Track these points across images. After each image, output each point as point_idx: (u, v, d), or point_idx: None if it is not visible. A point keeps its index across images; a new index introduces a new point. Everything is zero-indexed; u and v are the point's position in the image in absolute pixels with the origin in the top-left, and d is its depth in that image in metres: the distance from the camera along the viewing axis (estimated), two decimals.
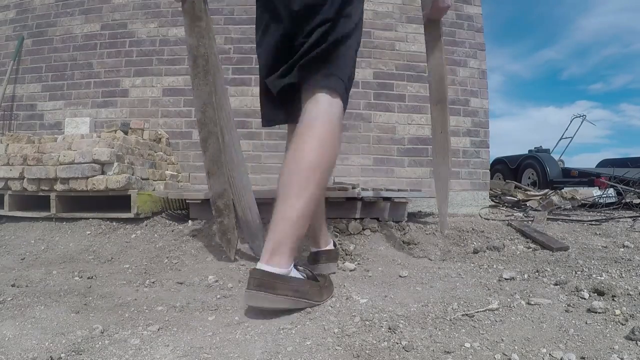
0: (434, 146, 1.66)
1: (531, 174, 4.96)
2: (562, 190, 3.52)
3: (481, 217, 2.50)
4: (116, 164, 1.92)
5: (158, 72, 2.91)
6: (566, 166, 4.94)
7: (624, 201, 2.96)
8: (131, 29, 2.96)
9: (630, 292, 1.02)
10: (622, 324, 0.85)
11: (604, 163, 5.25)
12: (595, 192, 3.28)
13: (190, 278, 1.25)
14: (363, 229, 1.88)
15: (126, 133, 2.44)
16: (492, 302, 1.00)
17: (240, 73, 2.86)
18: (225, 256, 1.51)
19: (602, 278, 1.18)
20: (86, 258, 1.56)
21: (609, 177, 3.48)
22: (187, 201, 2.02)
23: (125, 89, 2.92)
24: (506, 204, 3.14)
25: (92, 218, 1.94)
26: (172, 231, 1.82)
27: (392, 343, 0.78)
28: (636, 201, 2.98)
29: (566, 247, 1.61)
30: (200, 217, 1.96)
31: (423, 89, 2.88)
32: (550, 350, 0.75)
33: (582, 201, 3.10)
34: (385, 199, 2.04)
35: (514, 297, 1.04)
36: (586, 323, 0.86)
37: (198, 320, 0.91)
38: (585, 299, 1.01)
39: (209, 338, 0.81)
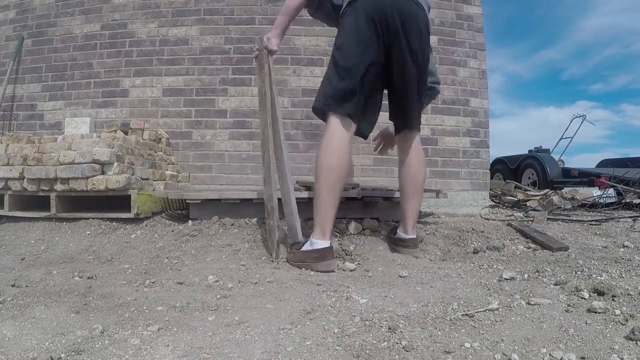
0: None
1: (531, 174, 4.95)
2: (562, 190, 3.52)
3: (481, 217, 2.50)
4: (116, 164, 1.92)
5: (158, 72, 2.90)
6: (566, 166, 4.93)
7: (624, 201, 2.96)
8: (131, 29, 2.96)
9: (630, 292, 1.03)
10: (622, 324, 0.85)
11: (604, 163, 5.24)
12: (595, 192, 3.27)
13: (190, 278, 1.25)
14: (363, 229, 1.88)
15: (126, 133, 2.44)
16: (492, 302, 1.00)
17: (240, 73, 2.86)
18: (225, 256, 1.51)
19: (602, 278, 1.18)
20: (86, 258, 1.56)
21: (609, 177, 3.48)
22: (187, 201, 2.02)
23: (125, 89, 2.93)
24: (506, 204, 3.14)
25: (92, 218, 1.94)
26: (172, 231, 1.82)
27: (392, 343, 0.78)
28: (636, 201, 2.98)
29: (566, 247, 1.61)
30: (200, 217, 1.96)
31: None
32: (550, 350, 0.75)
33: (582, 201, 3.10)
34: (385, 199, 2.04)
35: (514, 297, 1.04)
36: (586, 323, 0.87)
37: (198, 320, 0.91)
38: (585, 299, 1.01)
39: (209, 338, 0.81)
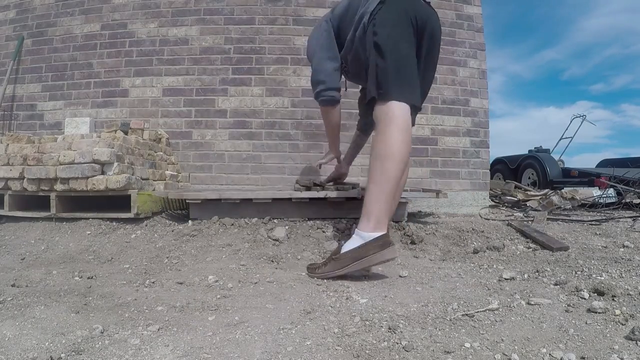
0: None
1: (531, 174, 4.95)
2: (562, 190, 3.52)
3: (481, 217, 2.50)
4: (116, 164, 1.92)
5: (158, 72, 2.90)
6: (566, 166, 4.93)
7: (624, 201, 2.96)
8: (131, 29, 2.96)
9: (630, 292, 1.02)
10: (622, 324, 0.85)
11: (604, 163, 5.24)
12: (595, 192, 3.27)
13: (190, 278, 1.25)
14: None
15: (126, 133, 2.43)
16: (492, 302, 1.00)
17: (240, 73, 2.86)
18: (225, 256, 1.51)
19: (602, 278, 1.18)
20: (86, 258, 1.56)
21: (609, 177, 3.48)
22: (187, 201, 2.02)
23: (125, 89, 2.92)
24: (506, 204, 3.14)
25: (92, 218, 1.94)
26: (172, 231, 1.82)
27: (392, 343, 0.78)
28: (636, 201, 2.98)
29: (566, 247, 1.61)
30: (200, 217, 1.96)
31: None
32: (550, 350, 0.75)
33: (582, 201, 3.10)
34: None
35: (514, 297, 1.04)
36: (586, 323, 0.87)
37: (198, 320, 0.91)
38: (585, 299, 1.01)
39: (209, 338, 0.81)
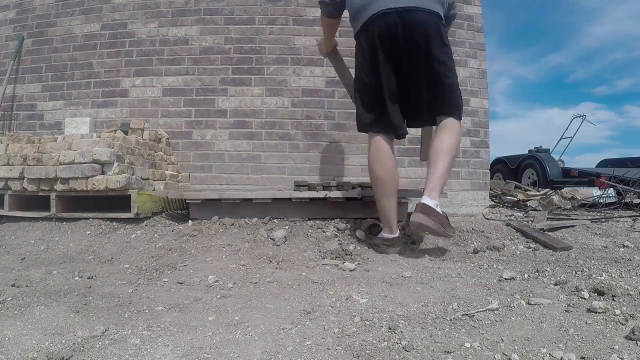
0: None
1: (531, 174, 4.95)
2: (562, 190, 3.51)
3: (484, 217, 2.50)
4: (116, 164, 1.92)
5: (158, 72, 2.90)
6: (566, 166, 4.93)
7: (624, 201, 2.96)
8: (131, 29, 2.96)
9: (630, 292, 1.02)
10: (622, 324, 0.85)
11: (604, 163, 5.23)
12: (595, 192, 3.27)
13: (190, 278, 1.24)
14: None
15: (126, 133, 2.43)
16: (492, 302, 1.00)
17: (240, 73, 2.86)
18: (225, 256, 1.51)
19: (602, 278, 1.18)
20: (86, 258, 1.56)
21: (609, 177, 3.48)
22: (187, 201, 2.02)
23: (125, 89, 2.92)
24: (506, 204, 3.14)
25: (92, 218, 1.93)
26: (172, 231, 1.82)
27: (392, 343, 0.78)
28: (636, 201, 2.97)
29: (569, 247, 1.61)
30: (200, 217, 1.96)
31: None
32: (550, 350, 0.75)
33: (582, 201, 3.09)
34: None
35: (514, 297, 1.04)
36: (586, 323, 0.87)
37: (198, 320, 0.91)
38: (585, 299, 1.01)
39: (209, 338, 0.81)
